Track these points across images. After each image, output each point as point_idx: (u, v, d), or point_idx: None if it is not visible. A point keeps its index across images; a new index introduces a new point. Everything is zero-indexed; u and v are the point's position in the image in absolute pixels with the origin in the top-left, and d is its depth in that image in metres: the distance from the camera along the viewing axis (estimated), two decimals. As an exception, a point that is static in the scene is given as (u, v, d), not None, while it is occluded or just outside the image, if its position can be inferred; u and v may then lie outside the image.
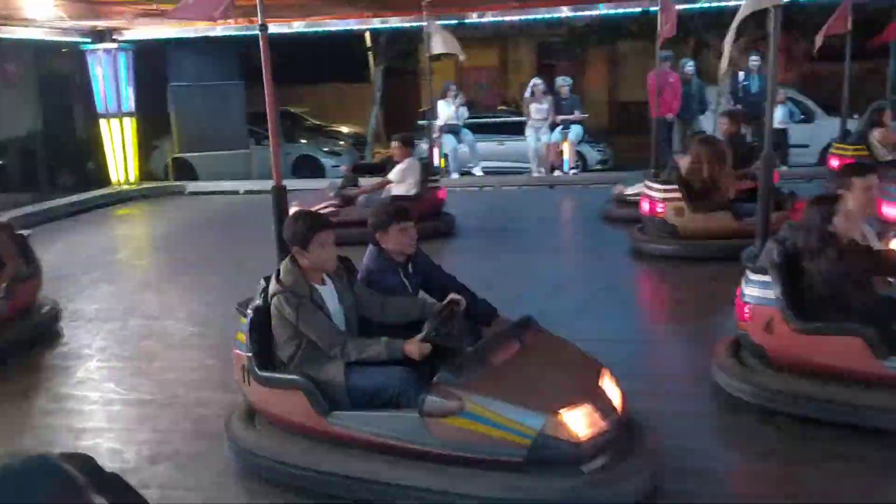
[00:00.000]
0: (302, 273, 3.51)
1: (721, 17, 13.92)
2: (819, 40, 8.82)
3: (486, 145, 13.89)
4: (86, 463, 1.55)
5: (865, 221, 4.18)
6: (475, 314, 3.81)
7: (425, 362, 3.36)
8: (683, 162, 7.40)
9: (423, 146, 13.42)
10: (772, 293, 3.99)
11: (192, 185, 13.64)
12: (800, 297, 3.96)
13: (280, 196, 4.76)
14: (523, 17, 13.35)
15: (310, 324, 3.41)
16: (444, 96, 12.61)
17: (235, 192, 12.79)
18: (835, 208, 3.93)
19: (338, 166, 15.03)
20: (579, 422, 3.08)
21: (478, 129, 13.79)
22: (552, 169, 12.43)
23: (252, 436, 3.63)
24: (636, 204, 8.05)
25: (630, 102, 19.56)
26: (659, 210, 7.21)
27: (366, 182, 8.97)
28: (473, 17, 11.89)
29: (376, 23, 12.77)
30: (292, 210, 4.69)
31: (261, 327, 3.58)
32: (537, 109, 12.14)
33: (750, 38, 14.45)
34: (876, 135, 9.26)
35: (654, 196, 7.33)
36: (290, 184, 8.88)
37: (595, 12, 12.67)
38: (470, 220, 9.48)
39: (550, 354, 3.49)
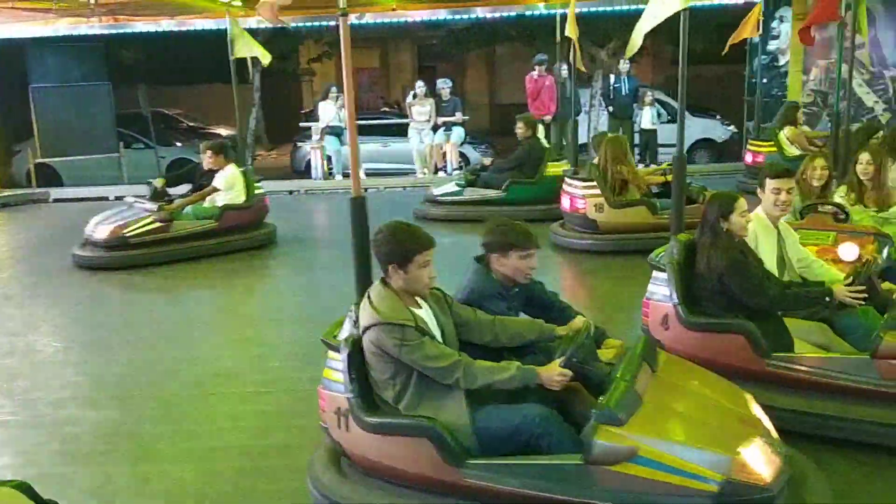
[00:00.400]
0: (398, 297, 3.01)
1: (593, 23, 14.50)
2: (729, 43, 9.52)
3: (370, 147, 13.83)
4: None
5: (776, 224, 4.19)
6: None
7: (544, 396, 2.99)
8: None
9: (307, 148, 13.32)
10: (668, 290, 3.97)
11: (56, 192, 12.86)
12: (693, 294, 3.94)
13: (360, 208, 3.92)
14: (402, 19, 13.39)
15: (419, 353, 2.86)
16: (325, 98, 12.48)
17: (105, 199, 12.15)
18: (733, 205, 3.86)
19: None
20: (759, 460, 2.71)
21: (360, 131, 13.63)
22: (436, 170, 12.55)
23: (348, 489, 3.09)
24: (448, 204, 9.19)
25: (510, 104, 20.01)
26: (580, 206, 7.39)
27: (198, 192, 8.18)
28: (352, 19, 11.77)
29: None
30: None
31: (360, 363, 3.04)
32: (419, 111, 12.23)
33: (619, 42, 15.13)
34: (786, 132, 9.92)
35: (574, 193, 7.49)
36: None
37: (473, 15, 12.88)
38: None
39: (689, 382, 3.14)
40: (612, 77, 12.65)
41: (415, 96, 12.23)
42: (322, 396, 3.22)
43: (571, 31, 9.27)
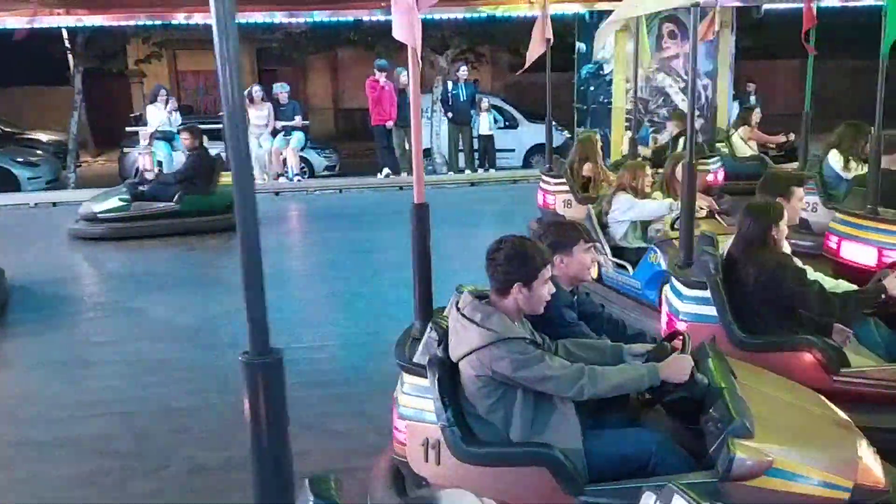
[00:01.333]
0: (506, 315, 2.77)
1: (435, 30, 14.71)
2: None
3: (207, 152, 13.37)
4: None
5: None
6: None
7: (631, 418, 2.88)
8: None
9: (136, 153, 12.56)
10: (711, 309, 3.71)
11: None
12: (735, 312, 3.70)
13: (423, 216, 3.45)
14: (237, 21, 12.92)
15: (540, 367, 2.64)
16: (154, 100, 11.84)
17: None
18: (782, 213, 3.70)
19: (37, 178, 13.51)
20: (873, 461, 2.67)
21: (197, 136, 13.23)
22: (277, 176, 12.25)
23: None
24: (111, 221, 8.82)
25: (354, 109, 19.93)
26: (550, 202, 7.74)
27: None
28: (180, 19, 11.26)
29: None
30: None
31: (451, 388, 2.78)
32: (256, 116, 11.90)
33: (458, 50, 15.45)
34: (741, 132, 10.39)
35: (547, 189, 7.90)
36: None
37: (310, 19, 12.68)
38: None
39: (764, 386, 3.01)
40: (451, 84, 12.86)
41: (251, 100, 11.88)
42: (400, 428, 2.95)
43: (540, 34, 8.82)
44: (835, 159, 6.90)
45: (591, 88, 13.17)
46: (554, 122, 15.81)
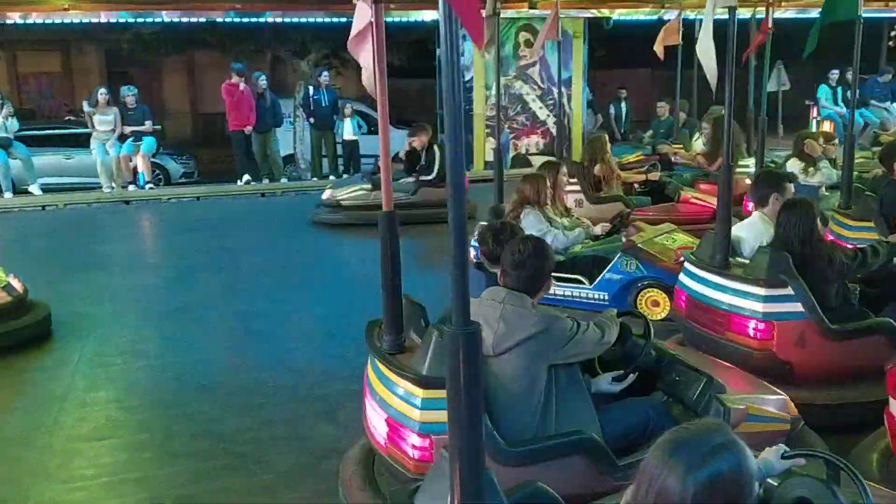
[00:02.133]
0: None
1: (296, 34, 14.45)
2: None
3: (51, 159, 12.66)
4: None
5: None
6: None
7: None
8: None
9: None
10: (798, 306, 3.79)
11: None
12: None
13: (390, 223, 3.25)
14: (81, 20, 12.20)
15: (588, 333, 2.94)
16: (-15, 105, 10.92)
17: None
18: (814, 212, 3.98)
19: None
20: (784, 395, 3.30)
21: (40, 142, 12.49)
22: (126, 183, 11.60)
23: None
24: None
25: (213, 114, 19.22)
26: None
27: None
28: (15, 18, 10.47)
29: None
30: None
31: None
32: (102, 121, 11.22)
33: (320, 54, 15.27)
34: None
35: None
36: None
37: (160, 19, 12.14)
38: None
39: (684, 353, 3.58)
40: (312, 89, 12.67)
41: (95, 104, 11.21)
42: (419, 444, 2.81)
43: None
44: (794, 167, 7.14)
45: (453, 95, 13.35)
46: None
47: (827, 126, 12.54)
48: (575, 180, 7.53)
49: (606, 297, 5.50)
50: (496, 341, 2.84)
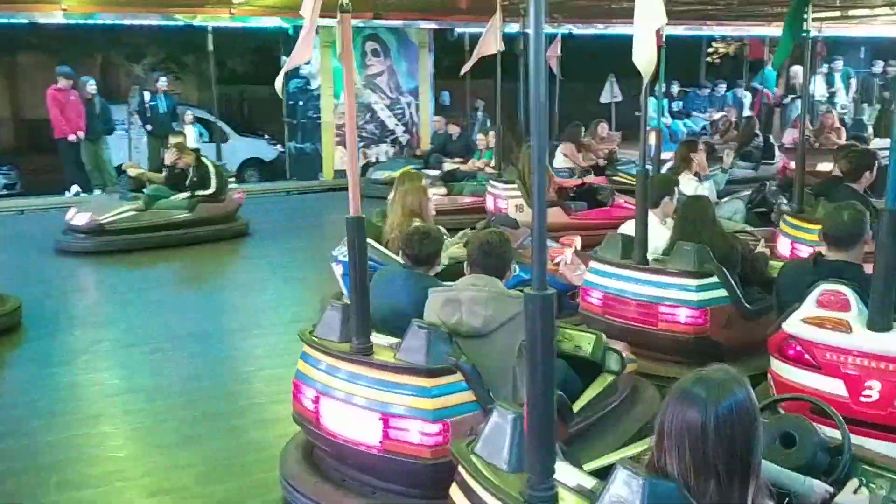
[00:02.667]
0: None
1: (126, 37, 13.70)
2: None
3: None
4: None
5: None
6: None
7: None
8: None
9: None
10: (723, 292, 4.25)
11: None
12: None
13: (358, 228, 3.21)
14: None
15: None
16: None
17: None
18: (713, 208, 4.73)
19: None
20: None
21: None
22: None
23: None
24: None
25: (39, 120, 17.82)
26: (502, 206, 8.13)
27: None
28: None
29: None
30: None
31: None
32: None
33: (156, 59, 14.58)
34: (561, 148, 10.38)
35: (498, 194, 8.34)
36: None
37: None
38: None
39: None
40: (148, 94, 12.04)
41: None
42: (432, 431, 2.94)
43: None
44: (686, 181, 6.96)
45: (301, 103, 13.15)
46: (267, 136, 15.71)
47: (653, 137, 13.43)
48: (514, 186, 8.15)
49: None
50: (486, 322, 3.17)
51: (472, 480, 2.19)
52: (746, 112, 14.43)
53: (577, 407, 3.41)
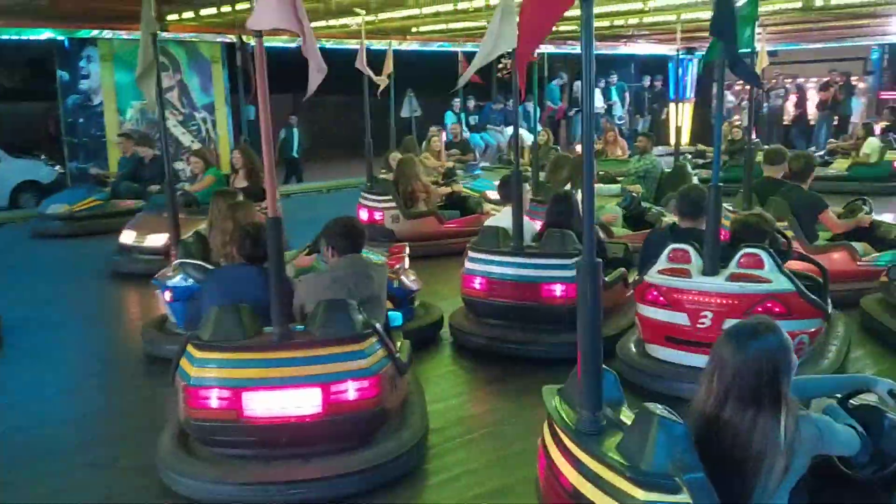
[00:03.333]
0: None
1: None
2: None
3: None
4: None
5: None
6: None
7: None
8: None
9: None
10: None
11: None
12: None
13: (276, 229, 3.47)
14: None
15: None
16: None
17: None
18: (576, 201, 5.30)
19: None
20: None
21: None
22: None
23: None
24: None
25: None
26: (377, 217, 8.17)
27: None
28: None
29: None
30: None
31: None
32: None
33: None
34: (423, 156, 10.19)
35: (372, 206, 8.31)
36: None
37: None
38: None
39: None
40: None
41: None
42: (378, 379, 3.44)
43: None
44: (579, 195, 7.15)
45: (81, 120, 12.19)
46: (43, 157, 14.37)
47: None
48: (389, 197, 8.23)
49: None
50: (362, 294, 3.81)
51: (554, 416, 2.65)
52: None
53: None
